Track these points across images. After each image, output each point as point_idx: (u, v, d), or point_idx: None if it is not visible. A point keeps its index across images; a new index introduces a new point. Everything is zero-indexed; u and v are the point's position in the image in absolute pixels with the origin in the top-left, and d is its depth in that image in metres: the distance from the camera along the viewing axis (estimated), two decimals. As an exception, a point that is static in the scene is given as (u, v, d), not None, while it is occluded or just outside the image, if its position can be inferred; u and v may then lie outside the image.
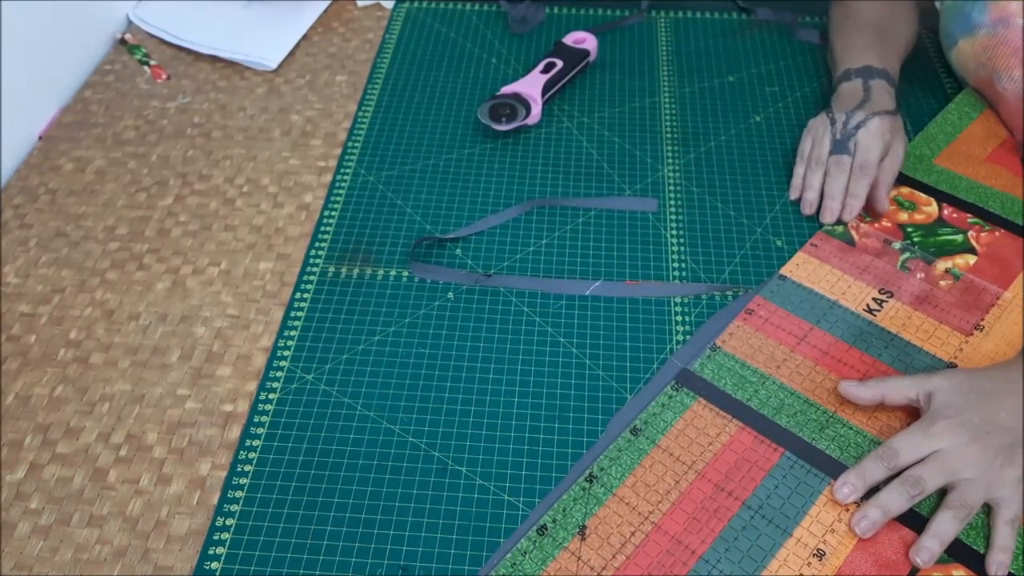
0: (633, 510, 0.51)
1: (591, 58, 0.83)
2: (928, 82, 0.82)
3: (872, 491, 0.52)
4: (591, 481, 0.53)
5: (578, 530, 0.51)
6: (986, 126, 0.76)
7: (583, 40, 0.84)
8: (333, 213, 0.70)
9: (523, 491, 0.53)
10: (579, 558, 0.49)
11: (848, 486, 0.52)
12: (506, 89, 0.77)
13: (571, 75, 0.81)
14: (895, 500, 0.51)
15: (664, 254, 0.67)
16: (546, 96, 0.78)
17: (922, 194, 0.70)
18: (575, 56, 0.82)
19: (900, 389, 0.55)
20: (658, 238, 0.68)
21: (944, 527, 0.50)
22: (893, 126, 0.69)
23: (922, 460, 0.51)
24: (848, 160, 0.68)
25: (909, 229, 0.67)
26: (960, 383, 0.54)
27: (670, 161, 0.74)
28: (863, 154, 0.68)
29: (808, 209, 0.69)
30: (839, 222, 0.68)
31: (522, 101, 0.76)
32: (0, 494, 0.53)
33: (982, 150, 0.74)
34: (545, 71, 0.79)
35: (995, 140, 0.75)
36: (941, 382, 0.54)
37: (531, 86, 0.78)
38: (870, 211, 0.69)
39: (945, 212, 0.69)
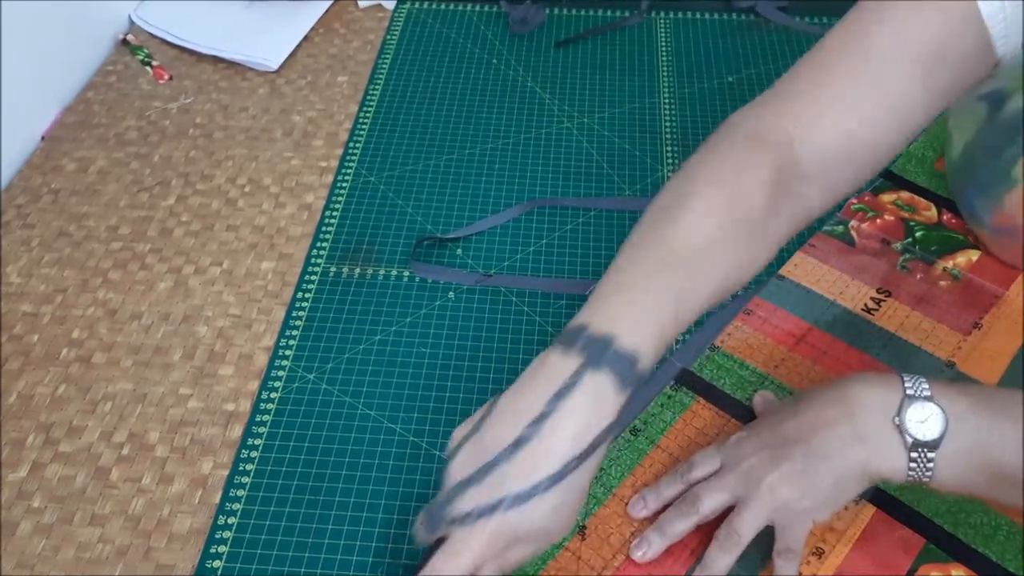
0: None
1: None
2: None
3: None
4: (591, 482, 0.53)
5: (578, 530, 0.51)
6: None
7: None
8: (335, 213, 0.70)
9: (523, 490, 0.53)
10: (579, 558, 0.50)
11: (641, 501, 0.50)
12: None
13: None
14: (672, 522, 0.48)
15: (664, 254, 0.67)
16: None
17: (922, 199, 0.70)
18: None
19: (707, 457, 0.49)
20: (658, 238, 0.68)
21: (713, 559, 0.46)
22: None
23: (710, 476, 0.48)
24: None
25: (912, 224, 0.67)
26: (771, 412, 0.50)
27: (670, 161, 0.75)
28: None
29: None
30: None
31: None
32: (2, 493, 0.53)
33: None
34: None
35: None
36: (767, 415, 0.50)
37: None
38: (871, 205, 0.69)
39: (944, 217, 0.69)
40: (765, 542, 0.50)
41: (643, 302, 0.41)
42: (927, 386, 0.45)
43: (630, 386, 0.40)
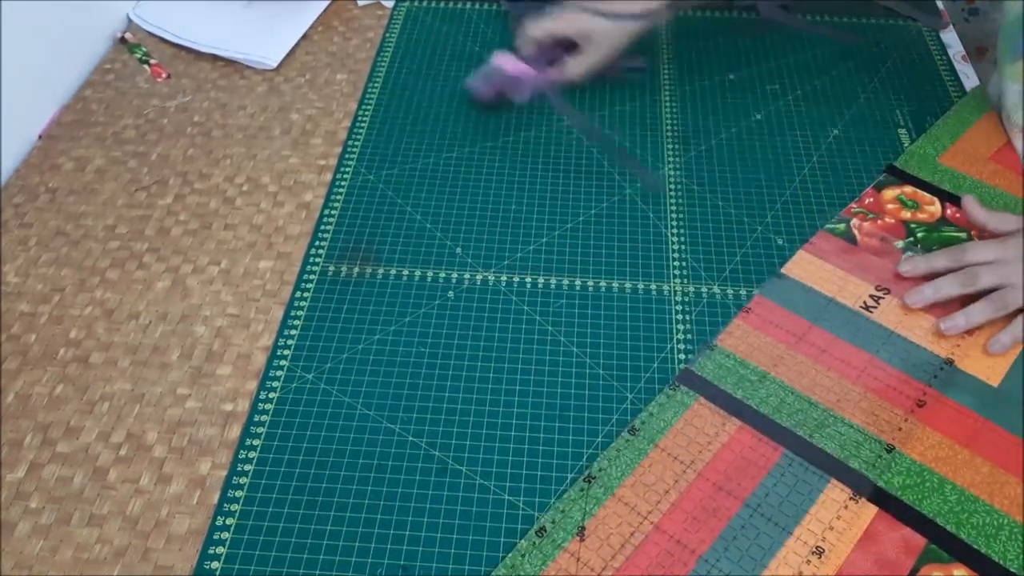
0: (632, 510, 0.51)
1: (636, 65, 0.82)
2: (930, 82, 0.82)
3: None
4: (589, 482, 0.53)
5: (577, 531, 0.51)
6: (990, 126, 0.76)
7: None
8: (333, 212, 0.70)
9: (523, 490, 0.53)
10: (578, 559, 0.49)
11: (911, 263, 0.62)
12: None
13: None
14: (949, 283, 0.60)
15: (664, 253, 0.67)
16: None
17: (925, 193, 0.70)
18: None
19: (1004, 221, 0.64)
20: (658, 237, 0.68)
21: (975, 311, 0.59)
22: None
23: (985, 264, 0.60)
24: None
25: (912, 226, 0.67)
26: None
27: (670, 160, 0.74)
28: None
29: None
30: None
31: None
32: (0, 493, 0.53)
33: (986, 149, 0.73)
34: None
35: (999, 140, 0.74)
36: None
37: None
38: (872, 208, 0.69)
39: (948, 211, 0.68)
40: (765, 541, 0.50)
41: None
42: None
43: None
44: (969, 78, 0.82)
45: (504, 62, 0.74)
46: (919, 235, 0.67)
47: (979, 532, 0.50)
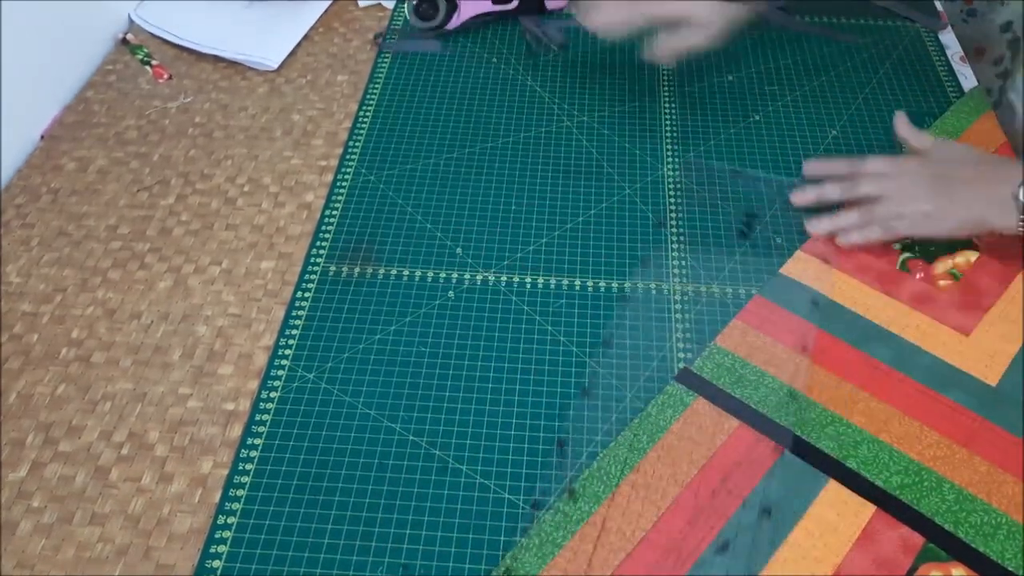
0: (631, 509, 0.52)
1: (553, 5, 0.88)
2: (929, 83, 0.82)
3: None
4: (592, 480, 0.53)
5: (577, 530, 0.51)
6: (988, 127, 0.76)
7: None
8: (334, 212, 0.70)
9: (523, 489, 0.53)
10: (578, 558, 0.50)
11: (814, 163, 0.67)
12: None
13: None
14: (832, 189, 0.65)
15: (664, 253, 0.67)
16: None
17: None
18: None
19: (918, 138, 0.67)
20: (658, 237, 0.68)
21: (843, 216, 0.64)
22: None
23: (875, 175, 0.64)
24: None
25: None
26: (958, 151, 0.66)
27: (670, 160, 0.75)
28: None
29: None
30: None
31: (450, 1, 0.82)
32: (2, 493, 0.53)
33: (985, 149, 0.74)
34: None
35: (997, 140, 0.75)
36: (946, 144, 0.67)
37: None
38: None
39: (945, 211, 0.69)
40: (764, 540, 0.50)
41: None
42: None
43: None
44: (967, 79, 0.82)
45: None
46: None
47: (977, 531, 0.50)
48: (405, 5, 0.83)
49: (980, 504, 0.52)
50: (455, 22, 0.85)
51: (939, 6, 0.92)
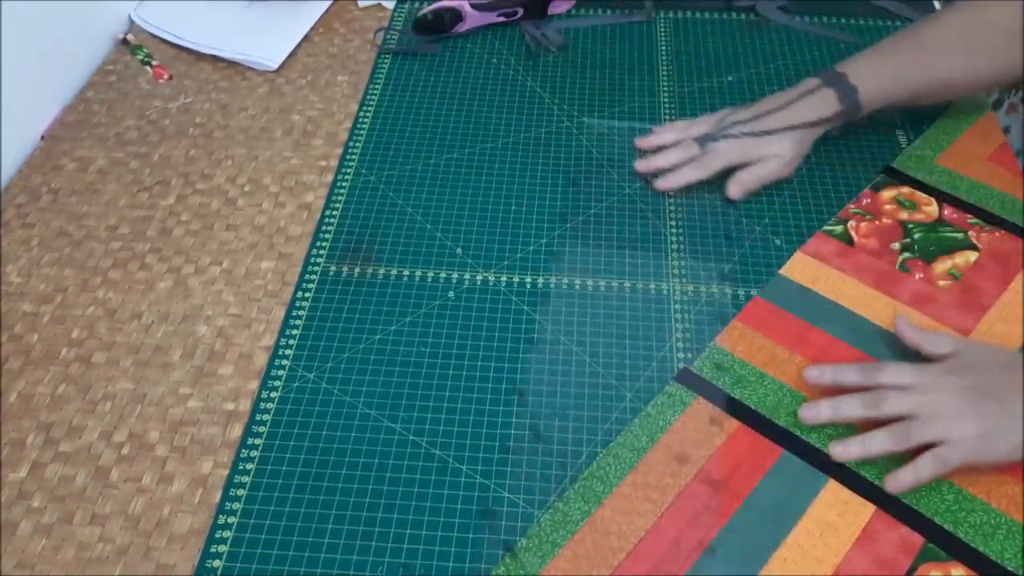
0: (631, 509, 0.52)
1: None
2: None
3: None
4: (591, 479, 0.53)
5: (577, 530, 0.51)
6: (987, 126, 0.76)
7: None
8: (334, 213, 0.70)
9: (523, 489, 0.53)
10: (577, 558, 0.50)
11: (819, 370, 0.56)
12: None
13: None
14: (851, 405, 0.54)
15: (664, 253, 0.67)
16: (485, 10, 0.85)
17: (922, 194, 0.70)
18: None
19: (937, 342, 0.56)
20: (658, 237, 0.68)
21: (875, 441, 0.52)
22: (762, 148, 0.69)
23: (897, 387, 0.53)
24: (697, 150, 0.71)
25: (910, 226, 0.68)
26: (989, 355, 0.55)
27: (670, 161, 0.75)
28: (711, 155, 0.70)
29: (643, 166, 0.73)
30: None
31: (452, 11, 0.83)
32: (2, 493, 0.53)
33: (983, 150, 0.74)
34: None
35: (997, 140, 0.75)
36: (972, 347, 0.56)
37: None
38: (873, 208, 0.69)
39: (945, 212, 0.69)
40: (763, 540, 0.50)
41: (878, 63, 0.69)
42: None
43: (846, 103, 0.68)
44: (967, 79, 0.82)
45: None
46: (916, 236, 0.67)
47: (977, 531, 0.50)
48: (411, 23, 0.86)
49: (979, 504, 0.52)
50: (459, 29, 0.86)
51: (938, 6, 0.92)
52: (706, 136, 0.70)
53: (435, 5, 0.85)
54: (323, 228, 0.69)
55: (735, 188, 0.69)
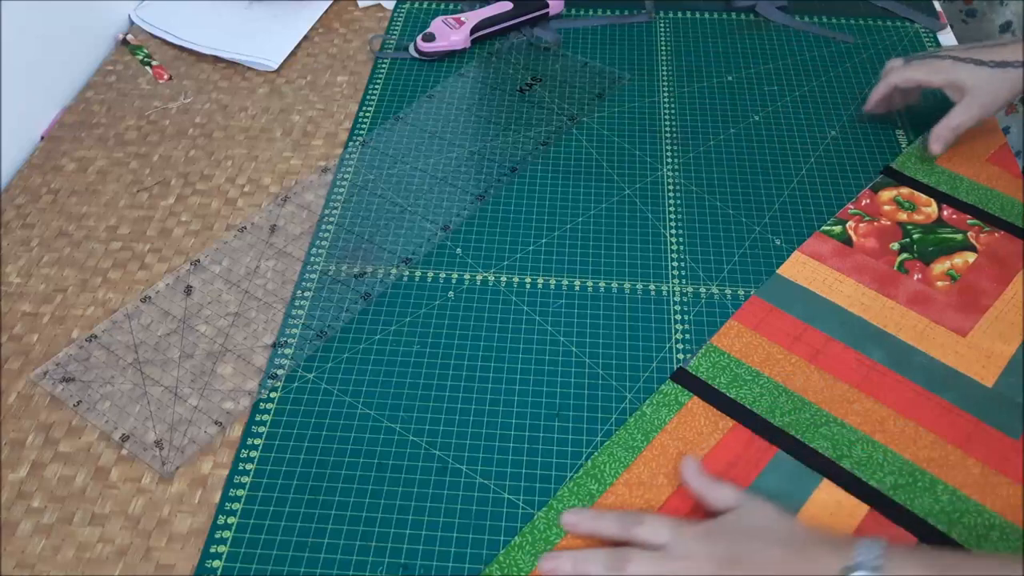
0: (628, 507, 0.52)
1: (550, 11, 0.89)
2: (927, 82, 0.82)
3: None
4: (586, 478, 0.53)
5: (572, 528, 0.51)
6: (988, 127, 0.76)
7: None
8: (334, 212, 0.71)
9: (523, 489, 0.53)
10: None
11: (577, 516, 0.50)
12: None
13: (519, 20, 0.88)
14: (594, 563, 0.48)
15: (664, 253, 0.67)
16: (480, 31, 0.86)
17: (922, 195, 0.70)
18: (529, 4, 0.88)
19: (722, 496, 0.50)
20: (657, 237, 0.68)
21: (588, 563, 0.48)
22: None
23: (653, 547, 0.48)
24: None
25: (909, 227, 0.68)
26: (765, 522, 0.48)
27: (669, 161, 0.75)
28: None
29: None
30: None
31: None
32: (2, 493, 0.54)
33: (983, 151, 0.74)
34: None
35: (996, 141, 0.75)
36: (753, 507, 0.49)
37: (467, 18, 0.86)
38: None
39: (945, 213, 0.69)
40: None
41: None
42: (880, 554, 0.44)
43: None
44: (966, 79, 0.82)
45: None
46: (915, 236, 0.67)
47: (970, 532, 0.51)
48: (410, 46, 0.86)
49: (974, 505, 0.52)
50: (455, 44, 0.86)
51: (938, 6, 0.92)
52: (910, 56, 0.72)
53: (435, 47, 0.85)
54: (323, 228, 0.69)
55: (936, 145, 0.71)
